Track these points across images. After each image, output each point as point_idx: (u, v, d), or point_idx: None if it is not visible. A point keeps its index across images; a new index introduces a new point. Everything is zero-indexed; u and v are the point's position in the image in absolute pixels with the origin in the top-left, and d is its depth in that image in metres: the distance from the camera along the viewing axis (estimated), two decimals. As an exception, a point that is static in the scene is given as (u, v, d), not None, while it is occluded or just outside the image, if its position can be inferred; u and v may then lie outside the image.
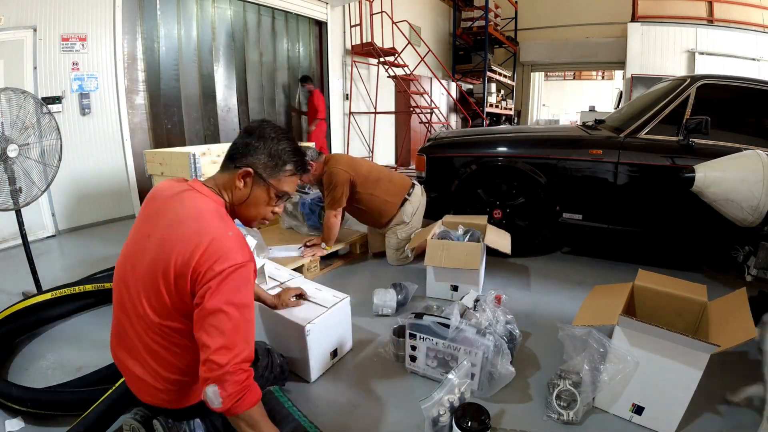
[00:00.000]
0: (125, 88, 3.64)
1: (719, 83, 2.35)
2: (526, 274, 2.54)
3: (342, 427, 1.31)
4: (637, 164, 2.36)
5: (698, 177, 1.90)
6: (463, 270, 2.00)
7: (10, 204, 1.91)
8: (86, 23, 3.31)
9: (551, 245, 3.02)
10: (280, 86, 5.48)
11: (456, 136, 3.10)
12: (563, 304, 2.13)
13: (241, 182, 1.01)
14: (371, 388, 1.50)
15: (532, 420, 1.34)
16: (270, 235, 2.74)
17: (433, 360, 1.47)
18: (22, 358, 1.65)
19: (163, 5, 4.01)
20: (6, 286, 2.31)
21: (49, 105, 2.97)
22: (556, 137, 2.73)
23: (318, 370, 1.54)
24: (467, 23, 8.82)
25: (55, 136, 2.03)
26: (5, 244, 2.97)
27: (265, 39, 5.16)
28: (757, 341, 1.31)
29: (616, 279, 2.46)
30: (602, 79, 15.20)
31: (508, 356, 1.42)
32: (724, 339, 1.15)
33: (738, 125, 2.36)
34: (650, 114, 2.40)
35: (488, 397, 1.41)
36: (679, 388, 1.20)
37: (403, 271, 2.57)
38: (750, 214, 1.77)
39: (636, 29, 7.47)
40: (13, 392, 1.30)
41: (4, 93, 1.86)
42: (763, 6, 7.22)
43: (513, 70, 10.31)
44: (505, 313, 1.60)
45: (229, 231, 0.91)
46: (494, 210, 2.73)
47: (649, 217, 2.44)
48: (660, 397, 1.25)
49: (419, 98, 6.82)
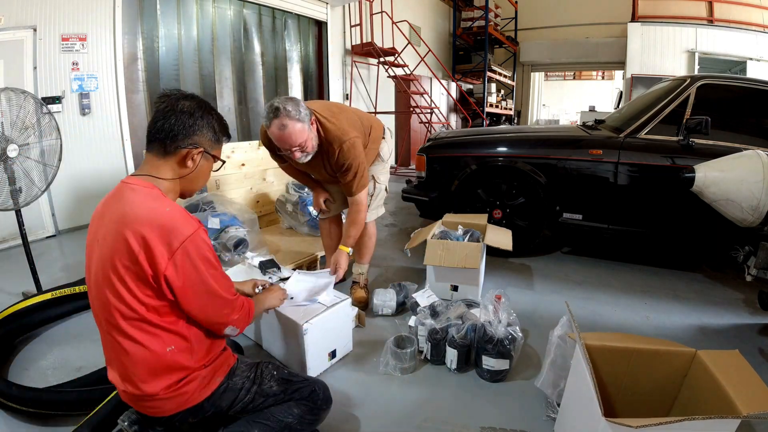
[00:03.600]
0: (125, 87, 3.64)
1: (719, 83, 2.35)
2: (527, 274, 2.54)
3: (338, 429, 1.30)
4: (637, 164, 2.36)
5: (698, 177, 1.90)
6: (463, 270, 1.99)
7: (10, 204, 1.91)
8: (86, 23, 3.31)
9: (551, 245, 3.02)
10: (281, 86, 5.47)
11: (456, 136, 3.10)
12: (563, 304, 2.12)
13: (190, 162, 1.00)
14: (369, 391, 1.49)
15: (532, 420, 1.34)
16: (270, 235, 2.74)
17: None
18: (22, 358, 1.65)
19: (163, 5, 4.01)
20: (6, 286, 2.31)
21: (49, 105, 2.97)
22: (556, 137, 2.73)
23: (315, 370, 1.53)
24: (467, 23, 8.82)
25: (55, 136, 2.03)
26: (5, 244, 2.97)
27: (265, 39, 5.16)
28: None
29: (617, 279, 2.48)
30: (602, 79, 15.19)
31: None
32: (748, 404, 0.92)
33: (738, 125, 2.36)
34: (650, 114, 2.40)
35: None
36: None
37: (404, 271, 2.57)
38: (750, 214, 1.77)
39: (636, 29, 7.47)
40: (14, 392, 1.30)
41: (4, 93, 1.86)
42: (763, 6, 7.22)
43: (513, 70, 10.32)
44: (509, 314, 1.58)
45: (166, 207, 0.91)
46: (494, 210, 2.73)
47: (649, 217, 2.44)
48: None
49: (419, 98, 6.82)
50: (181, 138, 0.97)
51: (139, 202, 0.91)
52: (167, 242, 0.87)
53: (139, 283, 0.89)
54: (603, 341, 1.15)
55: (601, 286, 2.38)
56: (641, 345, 1.15)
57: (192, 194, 1.09)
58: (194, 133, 0.99)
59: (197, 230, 0.92)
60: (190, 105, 0.99)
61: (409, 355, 1.56)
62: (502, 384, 1.53)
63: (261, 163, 2.89)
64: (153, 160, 0.99)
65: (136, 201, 0.91)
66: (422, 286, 2.13)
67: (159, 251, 0.87)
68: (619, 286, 2.38)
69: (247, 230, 2.17)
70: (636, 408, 1.19)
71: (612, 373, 1.16)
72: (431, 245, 2.06)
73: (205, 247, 0.94)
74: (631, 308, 2.13)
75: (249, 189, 2.86)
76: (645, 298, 2.23)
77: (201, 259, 0.92)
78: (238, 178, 2.77)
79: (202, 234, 0.94)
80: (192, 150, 0.99)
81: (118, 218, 0.90)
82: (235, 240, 2.06)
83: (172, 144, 0.97)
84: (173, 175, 1.00)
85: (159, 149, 0.98)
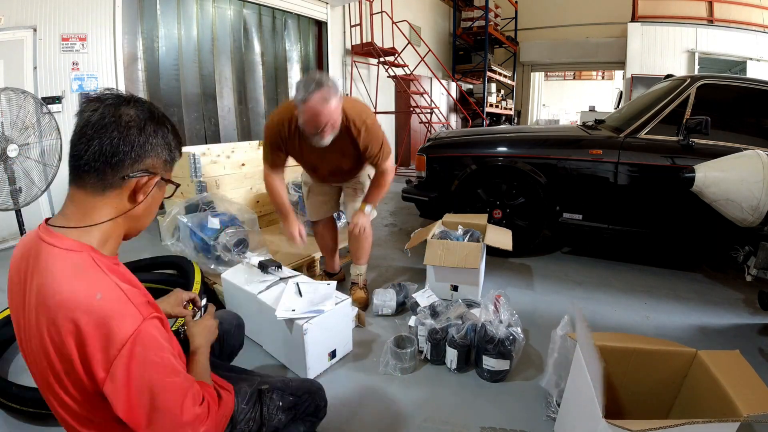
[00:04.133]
0: (125, 88, 3.64)
1: (719, 83, 2.35)
2: (527, 274, 2.54)
3: (338, 429, 1.30)
4: (637, 164, 2.36)
5: (698, 177, 1.90)
6: (463, 270, 2.00)
7: (10, 204, 1.91)
8: (86, 23, 3.31)
9: (551, 245, 3.02)
10: (281, 86, 5.47)
11: (456, 136, 3.10)
12: (563, 304, 2.13)
13: (141, 195, 0.72)
14: (369, 391, 1.49)
15: (532, 420, 1.34)
16: (270, 234, 2.74)
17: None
18: (22, 358, 1.65)
19: (163, 5, 4.01)
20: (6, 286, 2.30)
21: (49, 105, 2.97)
22: (556, 137, 2.73)
23: (315, 370, 1.53)
24: (467, 23, 8.82)
25: (55, 136, 2.04)
26: (5, 244, 2.97)
27: (265, 39, 5.16)
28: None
29: (617, 279, 2.48)
30: (602, 79, 15.19)
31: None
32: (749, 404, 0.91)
33: (738, 125, 2.36)
34: (650, 114, 2.40)
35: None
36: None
37: (404, 271, 2.57)
38: (750, 214, 1.77)
39: (636, 29, 7.47)
40: (14, 392, 1.30)
41: (4, 93, 1.86)
42: (763, 6, 7.22)
43: (513, 70, 10.32)
44: (511, 314, 1.58)
45: (97, 294, 0.63)
46: (494, 210, 2.73)
47: (650, 217, 2.44)
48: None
49: (419, 98, 6.82)
50: (128, 164, 0.69)
51: (61, 280, 0.63)
52: (103, 346, 0.61)
53: (85, 393, 0.65)
54: (603, 341, 1.15)
55: (601, 286, 2.39)
56: (641, 345, 1.15)
57: (137, 234, 0.80)
58: (146, 155, 0.71)
59: (142, 323, 0.63)
60: (137, 115, 0.70)
61: (409, 355, 1.56)
62: (502, 384, 1.53)
63: (261, 163, 2.87)
64: (84, 200, 0.69)
65: (57, 278, 0.64)
66: (422, 286, 2.12)
67: (95, 358, 0.61)
68: (619, 286, 2.38)
69: (247, 230, 2.17)
70: (636, 408, 1.19)
71: (612, 373, 1.16)
72: (431, 245, 2.06)
73: (155, 346, 0.65)
74: (631, 308, 2.13)
75: (249, 189, 2.85)
76: (645, 298, 2.24)
77: (152, 365, 0.64)
78: (238, 178, 2.76)
79: (149, 328, 0.64)
80: (144, 178, 0.71)
81: (40, 302, 0.64)
82: (235, 240, 2.07)
83: (116, 173, 0.68)
84: (114, 214, 0.71)
85: (94, 183, 0.68)
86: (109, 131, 0.67)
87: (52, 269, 0.65)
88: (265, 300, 1.58)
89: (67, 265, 0.65)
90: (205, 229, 2.05)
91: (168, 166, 0.77)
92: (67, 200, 0.71)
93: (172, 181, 0.78)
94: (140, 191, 0.72)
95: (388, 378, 1.55)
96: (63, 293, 0.62)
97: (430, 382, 1.54)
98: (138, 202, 0.73)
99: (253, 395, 0.96)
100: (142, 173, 0.71)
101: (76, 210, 0.69)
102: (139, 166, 0.70)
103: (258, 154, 2.86)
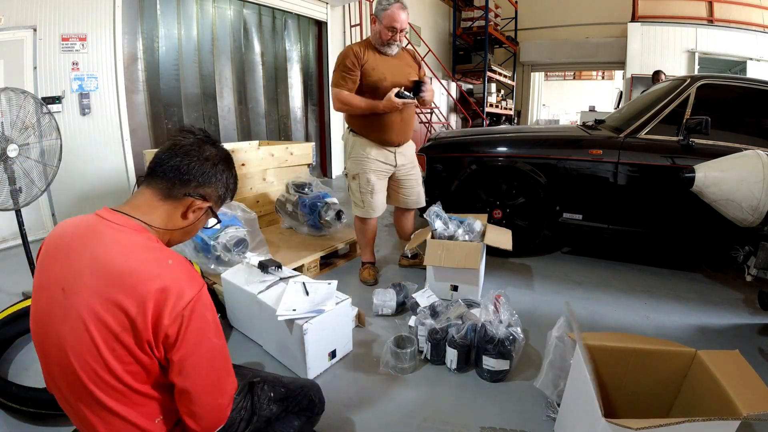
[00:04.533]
0: (125, 88, 3.64)
1: (719, 83, 2.35)
2: (527, 274, 2.54)
3: (338, 430, 1.30)
4: (637, 164, 2.36)
5: (698, 177, 1.90)
6: (463, 270, 2.00)
7: (10, 204, 1.91)
8: (86, 23, 3.31)
9: (551, 245, 3.02)
10: (281, 86, 5.47)
11: (456, 136, 3.09)
12: (563, 304, 2.12)
13: (192, 214, 0.86)
14: (369, 391, 1.49)
15: (532, 420, 1.34)
16: (270, 235, 2.74)
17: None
18: (22, 357, 1.65)
19: (163, 5, 4.01)
20: (6, 286, 2.31)
21: (49, 105, 2.97)
22: (556, 137, 2.73)
23: (315, 370, 1.53)
24: (467, 23, 8.81)
25: (55, 136, 2.03)
26: (5, 244, 2.97)
27: (265, 39, 5.16)
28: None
29: (617, 279, 2.48)
30: (602, 79, 15.18)
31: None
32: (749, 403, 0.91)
33: (738, 125, 2.36)
34: (650, 114, 2.40)
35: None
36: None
37: (404, 271, 2.57)
38: (750, 214, 1.77)
39: (636, 29, 7.47)
40: (14, 391, 1.30)
41: (4, 93, 1.86)
42: (763, 6, 7.22)
43: (513, 70, 10.31)
44: (511, 314, 1.58)
45: (169, 260, 0.76)
46: (494, 210, 2.73)
47: (649, 217, 2.44)
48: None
49: (419, 98, 6.81)
50: (193, 185, 0.84)
51: (132, 249, 0.75)
52: (174, 303, 0.71)
53: (126, 352, 0.71)
54: (603, 341, 1.15)
55: (601, 286, 2.39)
56: (641, 345, 1.15)
57: (172, 245, 0.91)
58: (208, 185, 0.87)
59: (200, 290, 0.76)
60: (215, 154, 0.89)
61: (409, 355, 1.56)
62: (502, 384, 1.53)
63: (261, 163, 2.89)
64: (149, 199, 0.83)
65: (127, 247, 0.74)
66: (422, 286, 2.13)
67: (167, 308, 0.71)
68: (619, 286, 2.38)
69: (247, 230, 2.17)
70: (636, 408, 1.18)
71: (612, 373, 1.16)
72: (431, 245, 2.06)
73: (210, 307, 0.79)
74: (631, 308, 2.13)
75: (249, 189, 2.85)
76: (645, 298, 2.24)
77: (207, 325, 0.77)
78: (238, 178, 2.76)
79: (206, 291, 0.79)
80: (198, 201, 0.86)
81: (100, 269, 0.72)
82: (235, 240, 2.07)
83: (182, 188, 0.83)
84: (164, 225, 0.83)
85: (161, 189, 0.83)
86: (191, 156, 0.84)
87: (121, 241, 0.75)
88: (265, 300, 1.58)
89: (138, 239, 0.77)
90: (205, 229, 2.04)
91: (219, 201, 0.92)
92: (132, 198, 0.84)
93: (216, 215, 0.93)
94: (191, 210, 0.86)
95: (388, 378, 1.55)
96: (134, 262, 0.72)
97: (430, 382, 1.54)
98: (187, 218, 0.86)
99: (245, 387, 1.01)
100: (199, 197, 0.86)
101: (139, 207, 0.82)
102: (200, 190, 0.86)
103: (258, 154, 2.86)
